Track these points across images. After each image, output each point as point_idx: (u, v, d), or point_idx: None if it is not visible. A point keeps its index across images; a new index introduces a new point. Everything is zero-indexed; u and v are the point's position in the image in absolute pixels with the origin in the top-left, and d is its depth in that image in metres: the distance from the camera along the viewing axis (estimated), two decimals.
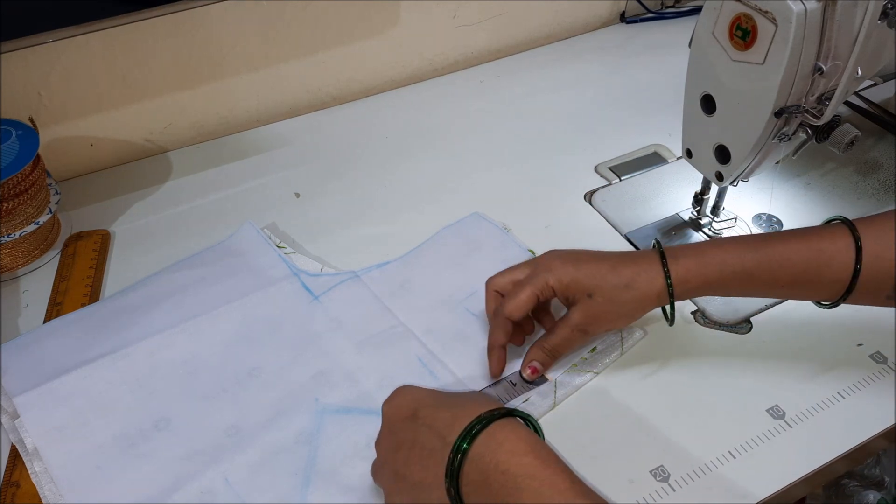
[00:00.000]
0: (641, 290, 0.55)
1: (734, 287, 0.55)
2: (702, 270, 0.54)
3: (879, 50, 0.56)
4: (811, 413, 0.57)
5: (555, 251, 0.59)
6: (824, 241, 0.53)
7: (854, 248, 0.52)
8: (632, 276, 0.55)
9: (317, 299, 0.65)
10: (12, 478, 0.54)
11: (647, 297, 0.55)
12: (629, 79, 0.94)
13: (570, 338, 0.57)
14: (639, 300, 0.55)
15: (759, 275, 0.54)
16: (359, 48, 0.90)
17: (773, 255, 0.54)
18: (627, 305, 0.56)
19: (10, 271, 0.69)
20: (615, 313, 0.56)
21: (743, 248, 0.55)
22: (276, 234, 0.73)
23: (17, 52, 0.72)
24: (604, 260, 0.56)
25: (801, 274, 0.53)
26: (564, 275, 0.56)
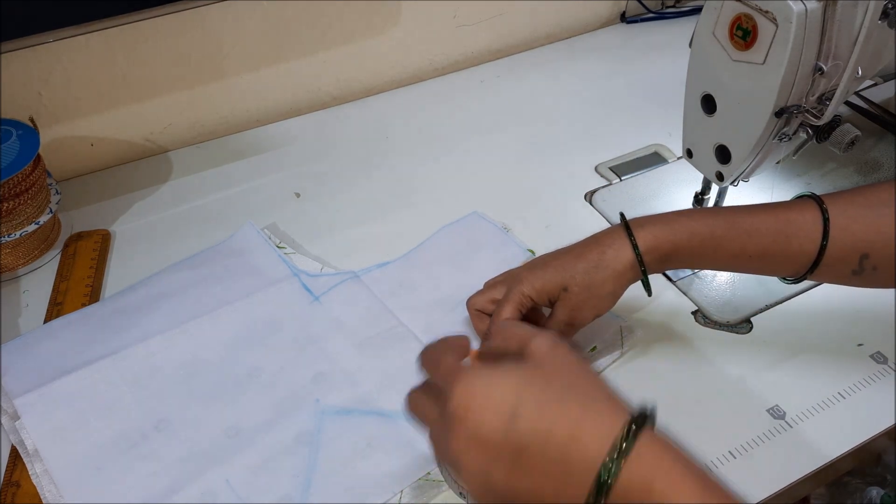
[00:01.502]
0: (612, 267, 0.54)
1: (703, 256, 0.54)
2: (670, 237, 0.54)
3: (880, 50, 0.56)
4: (811, 413, 0.57)
5: (523, 264, 0.60)
6: (792, 213, 0.53)
7: (822, 220, 0.52)
8: (598, 257, 0.55)
9: (317, 300, 0.65)
10: (12, 478, 0.54)
11: (620, 271, 0.54)
12: (629, 79, 0.94)
13: (561, 332, 0.57)
14: (613, 277, 0.54)
15: (727, 243, 0.53)
16: (359, 48, 0.90)
17: (742, 223, 0.53)
18: (604, 286, 0.55)
19: (11, 271, 0.69)
20: (595, 297, 0.55)
21: (711, 216, 0.54)
22: (276, 234, 0.73)
23: (17, 52, 0.72)
24: (568, 252, 0.56)
25: (769, 244, 0.53)
26: (535, 280, 0.55)
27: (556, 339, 0.41)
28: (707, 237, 0.53)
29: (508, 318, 0.56)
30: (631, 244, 0.54)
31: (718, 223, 0.54)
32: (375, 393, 0.58)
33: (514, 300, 0.56)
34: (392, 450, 0.55)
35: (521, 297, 0.56)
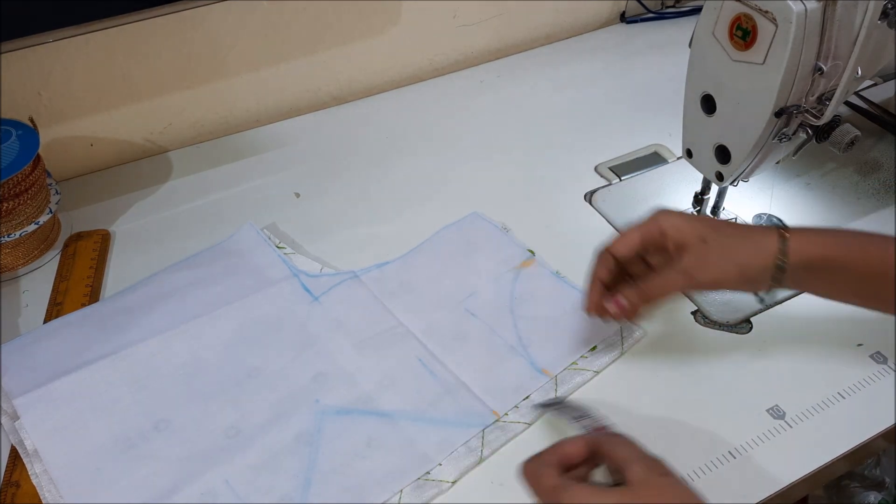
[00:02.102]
0: (757, 245, 0.52)
1: (846, 272, 0.52)
2: (822, 242, 0.52)
3: (879, 50, 0.56)
4: (811, 413, 0.57)
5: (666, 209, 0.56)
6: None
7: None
8: (747, 231, 0.54)
9: (316, 300, 0.65)
10: (12, 478, 0.54)
11: (763, 253, 0.52)
12: (629, 79, 0.94)
13: (673, 281, 0.53)
14: (754, 254, 0.52)
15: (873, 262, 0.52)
16: (359, 48, 0.90)
17: (886, 246, 0.52)
18: (741, 255, 0.52)
19: (11, 271, 0.69)
20: (728, 260, 0.52)
21: (856, 234, 0.53)
22: (276, 234, 0.73)
23: (17, 52, 0.72)
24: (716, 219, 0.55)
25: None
26: (678, 219, 0.54)
27: (652, 465, 0.43)
28: (856, 249, 0.52)
29: (632, 237, 0.54)
30: (780, 236, 0.52)
31: (864, 239, 0.52)
32: (375, 393, 0.58)
33: (646, 226, 0.54)
34: (392, 449, 0.55)
35: (655, 227, 0.54)
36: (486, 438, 0.55)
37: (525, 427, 0.56)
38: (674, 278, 0.54)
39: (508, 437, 0.56)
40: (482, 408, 0.57)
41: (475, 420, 0.56)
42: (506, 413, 0.57)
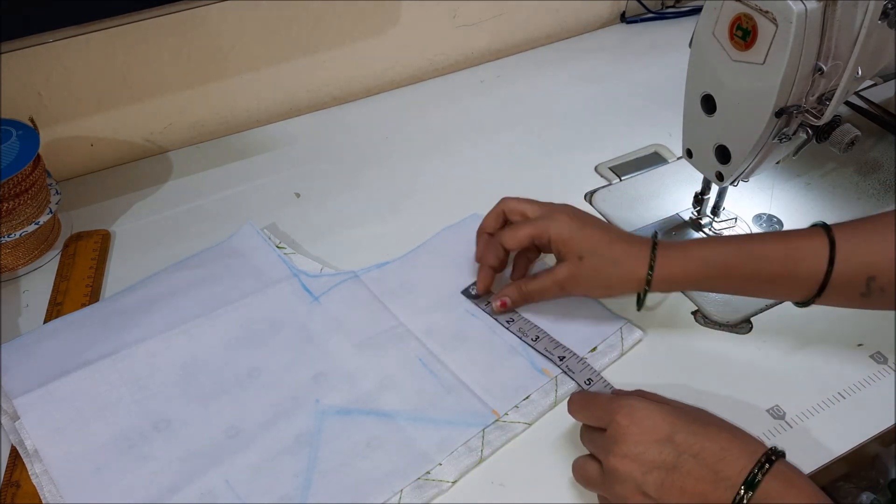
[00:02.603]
0: (626, 271, 0.58)
1: (715, 283, 0.58)
2: (685, 265, 0.57)
3: (880, 50, 0.56)
4: (811, 413, 0.57)
5: (569, 206, 0.62)
6: (801, 240, 0.55)
7: (828, 245, 0.54)
8: (622, 255, 0.58)
9: (316, 300, 0.65)
10: (12, 478, 0.54)
11: (629, 279, 0.58)
12: (629, 79, 0.94)
13: (548, 289, 0.61)
14: (621, 279, 0.58)
15: (737, 272, 0.56)
16: (359, 48, 0.90)
17: (753, 251, 0.56)
18: (610, 280, 0.59)
19: (11, 271, 0.69)
20: (596, 282, 0.59)
21: (725, 245, 0.57)
22: (275, 234, 0.73)
23: (17, 52, 0.72)
24: (606, 231, 0.59)
25: (778, 269, 0.55)
26: (566, 230, 0.59)
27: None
28: (720, 266, 0.56)
29: (523, 236, 0.61)
30: (649, 264, 0.57)
31: (731, 252, 0.56)
32: (375, 393, 0.58)
33: (538, 228, 0.60)
34: (392, 449, 0.55)
35: (545, 232, 0.60)
36: (487, 438, 0.55)
37: (525, 427, 0.56)
38: (549, 286, 0.60)
39: (509, 436, 0.56)
40: (482, 407, 0.57)
41: (475, 420, 0.56)
42: (506, 413, 0.57)
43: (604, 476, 0.48)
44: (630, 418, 0.47)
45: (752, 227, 0.72)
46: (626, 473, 0.46)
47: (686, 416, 0.47)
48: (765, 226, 0.72)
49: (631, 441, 0.46)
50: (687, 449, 0.45)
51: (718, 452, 0.45)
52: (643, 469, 0.45)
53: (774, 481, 0.43)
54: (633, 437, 0.46)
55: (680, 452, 0.45)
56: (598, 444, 0.49)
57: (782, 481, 0.43)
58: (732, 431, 0.47)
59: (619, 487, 0.46)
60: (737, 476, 0.43)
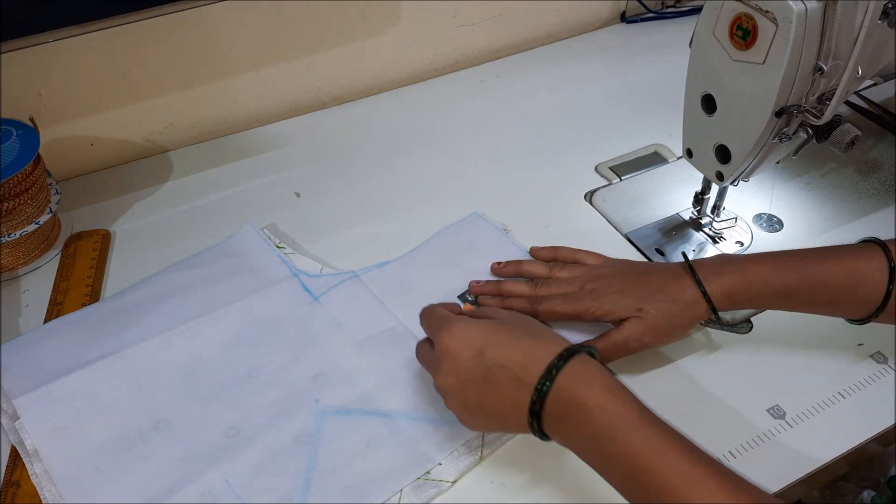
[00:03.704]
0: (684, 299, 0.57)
1: (773, 304, 0.58)
2: (746, 287, 0.56)
3: (880, 50, 0.56)
4: (811, 413, 0.57)
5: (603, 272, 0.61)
6: (860, 263, 0.55)
7: (888, 268, 0.54)
8: (672, 287, 0.57)
9: (316, 300, 0.65)
10: (12, 478, 0.54)
11: (691, 305, 0.57)
12: (629, 79, 0.94)
13: (627, 348, 0.58)
14: (685, 308, 0.57)
15: (798, 294, 0.56)
16: (359, 48, 0.90)
17: (813, 274, 0.56)
18: (677, 316, 0.57)
19: (11, 271, 0.69)
20: (668, 324, 0.58)
21: (783, 266, 0.57)
22: (275, 234, 0.73)
23: (17, 51, 0.72)
24: (648, 280, 0.59)
25: (837, 294, 0.56)
26: (607, 304, 0.58)
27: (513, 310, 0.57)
28: (780, 289, 0.56)
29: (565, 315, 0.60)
30: (704, 297, 0.57)
31: (791, 276, 0.56)
32: (375, 393, 0.58)
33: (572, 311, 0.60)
34: (391, 449, 0.55)
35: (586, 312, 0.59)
36: (487, 438, 0.55)
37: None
38: (627, 343, 0.58)
39: (509, 436, 0.56)
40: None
41: None
42: None
43: (437, 388, 0.52)
44: (450, 335, 0.51)
45: (753, 227, 0.72)
46: (448, 388, 0.51)
47: (501, 329, 0.51)
48: (765, 226, 0.72)
49: (450, 358, 0.50)
50: (496, 360, 0.49)
51: (521, 360, 0.48)
52: (462, 384, 0.50)
53: (564, 379, 0.47)
54: (451, 355, 0.50)
55: (488, 365, 0.49)
56: (430, 363, 0.53)
57: (572, 377, 0.47)
58: (536, 338, 0.50)
59: (447, 400, 0.52)
60: (534, 380, 0.47)
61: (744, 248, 0.70)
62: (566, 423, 0.47)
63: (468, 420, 0.52)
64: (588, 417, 0.46)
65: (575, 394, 0.46)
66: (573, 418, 0.46)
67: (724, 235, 0.71)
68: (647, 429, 0.45)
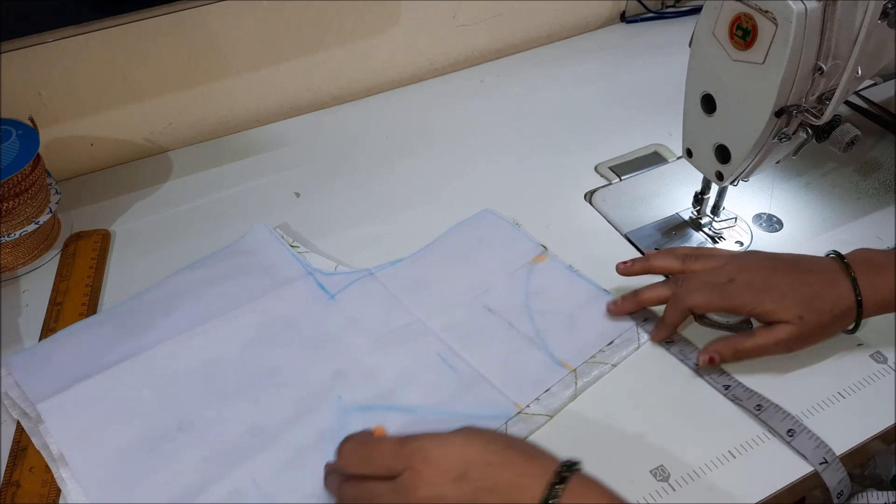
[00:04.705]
0: (839, 308, 0.56)
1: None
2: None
3: (880, 50, 0.56)
4: (811, 413, 0.57)
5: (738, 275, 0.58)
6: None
7: None
8: (832, 295, 0.56)
9: (332, 298, 0.65)
10: (12, 478, 0.54)
11: (844, 316, 0.56)
12: (629, 79, 0.94)
13: (771, 350, 0.57)
14: (837, 319, 0.56)
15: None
16: (359, 48, 0.90)
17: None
18: (830, 326, 0.57)
19: (11, 271, 0.69)
20: (820, 334, 0.57)
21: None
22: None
23: (17, 51, 0.72)
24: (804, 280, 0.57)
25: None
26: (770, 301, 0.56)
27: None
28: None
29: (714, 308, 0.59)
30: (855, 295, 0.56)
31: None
32: (396, 389, 0.58)
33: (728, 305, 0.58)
34: None
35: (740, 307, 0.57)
36: (510, 431, 0.55)
37: (546, 419, 0.56)
38: (773, 346, 0.57)
39: (531, 429, 0.56)
40: (504, 400, 0.57)
41: (498, 412, 0.56)
42: (528, 405, 0.57)
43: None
44: (425, 461, 0.44)
45: (752, 227, 0.72)
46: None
47: (480, 444, 0.45)
48: (765, 226, 0.72)
49: (428, 484, 0.43)
50: (483, 483, 0.43)
51: (513, 481, 0.43)
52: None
53: (576, 492, 0.42)
54: (429, 480, 0.43)
55: (476, 488, 0.43)
56: (381, 495, 0.45)
57: (585, 491, 0.42)
58: (527, 453, 0.45)
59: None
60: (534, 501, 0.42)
61: (743, 248, 0.70)
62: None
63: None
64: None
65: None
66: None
67: (724, 235, 0.71)
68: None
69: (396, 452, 0.45)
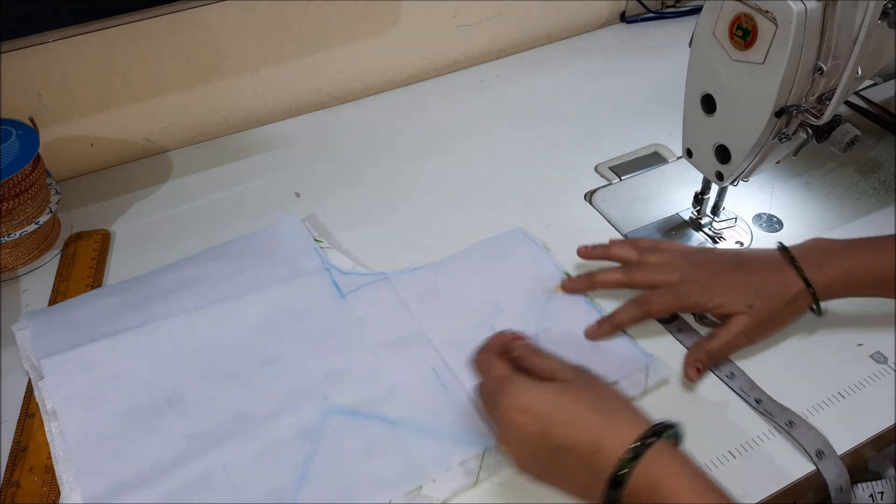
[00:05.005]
0: (789, 294, 0.58)
1: (868, 292, 0.59)
2: (847, 279, 0.58)
3: (879, 50, 0.56)
4: (811, 413, 0.57)
5: (689, 274, 0.60)
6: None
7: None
8: (778, 284, 0.58)
9: (343, 297, 0.65)
10: (12, 478, 0.54)
11: (797, 301, 0.58)
12: (629, 79, 0.94)
13: (737, 343, 0.59)
14: (790, 304, 0.58)
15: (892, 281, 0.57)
16: (359, 48, 0.90)
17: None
18: (783, 312, 0.59)
19: (11, 271, 0.69)
20: (774, 321, 0.59)
21: (878, 254, 0.58)
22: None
23: (17, 51, 0.72)
24: (752, 271, 0.59)
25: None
26: (718, 295, 0.59)
27: (577, 368, 0.50)
28: (877, 279, 0.57)
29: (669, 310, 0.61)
30: (805, 283, 0.58)
31: (888, 264, 0.57)
32: (383, 397, 0.58)
33: (677, 304, 0.60)
34: (389, 457, 0.54)
35: (689, 305, 0.60)
36: (486, 462, 0.53)
37: None
38: (737, 340, 0.59)
39: (509, 463, 0.52)
40: (487, 428, 0.55)
41: (478, 440, 0.54)
42: None
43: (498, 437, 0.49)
44: (511, 404, 0.46)
45: (752, 227, 0.72)
46: (516, 458, 0.47)
47: (567, 399, 0.46)
48: (765, 226, 0.72)
49: (514, 430, 0.46)
50: (563, 442, 0.44)
51: (591, 445, 0.44)
52: (527, 459, 0.47)
53: (644, 475, 0.42)
54: (516, 427, 0.46)
55: (556, 447, 0.45)
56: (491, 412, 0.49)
57: (653, 472, 0.42)
58: (611, 418, 0.45)
59: (514, 465, 0.48)
60: (607, 471, 0.43)
61: (744, 249, 0.70)
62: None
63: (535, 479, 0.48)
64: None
65: (656, 491, 0.42)
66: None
67: (724, 235, 0.71)
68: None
69: (495, 386, 0.48)
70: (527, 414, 0.46)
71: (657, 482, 0.42)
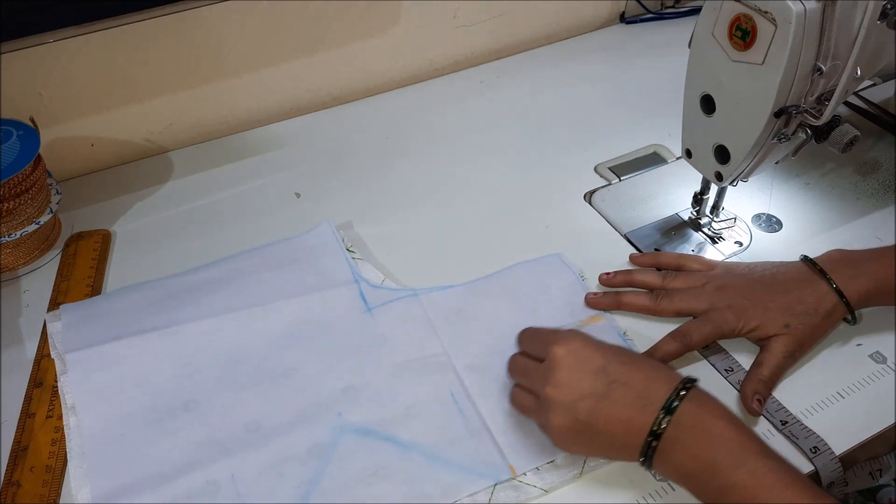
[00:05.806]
0: (825, 307, 0.58)
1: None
2: (879, 289, 0.58)
3: (879, 50, 0.56)
4: (811, 413, 0.57)
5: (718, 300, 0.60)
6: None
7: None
8: (812, 298, 0.58)
9: (369, 311, 0.64)
10: (13, 478, 0.54)
11: (833, 313, 0.58)
12: (629, 79, 0.94)
13: (785, 366, 0.58)
14: (827, 317, 0.58)
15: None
16: (359, 48, 0.90)
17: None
18: (821, 325, 0.59)
19: (11, 271, 0.70)
20: (815, 336, 0.59)
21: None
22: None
23: (17, 52, 0.72)
24: (782, 289, 0.59)
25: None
26: (753, 318, 0.59)
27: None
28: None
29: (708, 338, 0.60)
30: (843, 303, 0.58)
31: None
32: (399, 419, 0.56)
33: (715, 331, 0.59)
34: (397, 483, 0.53)
35: (728, 331, 0.60)
36: (496, 496, 0.52)
37: (541, 493, 0.52)
38: (784, 362, 0.58)
39: (520, 499, 0.52)
40: (500, 460, 0.53)
41: (489, 471, 0.53)
42: (524, 472, 0.53)
43: (539, 403, 0.51)
44: (567, 349, 0.51)
45: (752, 228, 0.72)
46: (560, 400, 0.49)
47: (616, 351, 0.51)
48: (764, 226, 0.72)
49: (566, 370, 0.50)
50: (618, 378, 0.49)
51: (644, 381, 0.49)
52: (576, 396, 0.49)
53: (689, 404, 0.47)
54: (569, 367, 0.50)
55: (611, 381, 0.49)
56: (535, 376, 0.52)
57: (696, 404, 0.48)
58: (655, 365, 0.51)
59: (551, 414, 0.50)
60: (659, 401, 0.48)
61: (743, 249, 0.70)
62: (683, 449, 0.47)
63: (568, 439, 0.50)
64: (711, 444, 0.46)
65: (699, 420, 0.47)
66: (693, 444, 0.46)
67: (724, 235, 0.71)
68: (773, 461, 0.45)
69: (547, 338, 0.53)
70: (581, 357, 0.50)
71: (699, 413, 0.47)
